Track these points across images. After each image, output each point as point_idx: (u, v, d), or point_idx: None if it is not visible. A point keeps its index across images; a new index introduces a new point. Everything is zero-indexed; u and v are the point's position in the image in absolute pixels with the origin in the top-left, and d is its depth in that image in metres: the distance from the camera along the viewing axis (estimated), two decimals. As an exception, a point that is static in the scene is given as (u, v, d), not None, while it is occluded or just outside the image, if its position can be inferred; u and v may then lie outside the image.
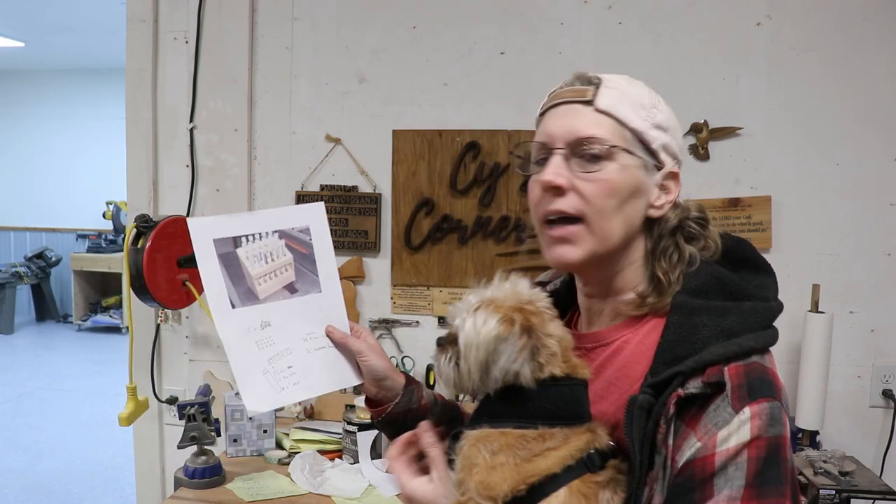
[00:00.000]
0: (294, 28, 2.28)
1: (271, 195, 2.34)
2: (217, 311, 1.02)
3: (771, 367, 0.78)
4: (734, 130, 2.06)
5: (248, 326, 1.03)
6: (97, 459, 4.04)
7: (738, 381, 0.74)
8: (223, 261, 1.03)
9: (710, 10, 2.05)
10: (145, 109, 2.34)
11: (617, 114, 0.83)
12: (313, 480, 1.76)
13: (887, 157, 2.01)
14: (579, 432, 0.79)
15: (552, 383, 0.80)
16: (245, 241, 1.05)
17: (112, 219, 6.99)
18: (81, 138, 7.52)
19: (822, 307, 1.97)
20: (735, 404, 0.73)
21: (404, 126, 2.24)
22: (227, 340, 1.01)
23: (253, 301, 1.04)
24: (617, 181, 0.82)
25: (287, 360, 1.04)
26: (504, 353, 0.79)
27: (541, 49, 2.14)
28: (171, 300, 2.07)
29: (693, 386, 0.74)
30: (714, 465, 0.72)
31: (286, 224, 1.09)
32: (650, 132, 0.84)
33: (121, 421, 2.06)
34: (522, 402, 0.79)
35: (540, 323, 0.81)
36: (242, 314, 1.03)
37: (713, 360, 0.75)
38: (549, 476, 0.76)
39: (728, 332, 0.77)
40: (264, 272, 1.06)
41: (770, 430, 0.72)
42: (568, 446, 0.78)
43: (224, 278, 1.03)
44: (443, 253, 2.25)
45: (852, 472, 1.75)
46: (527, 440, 0.78)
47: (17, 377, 5.64)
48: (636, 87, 0.86)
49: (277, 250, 1.07)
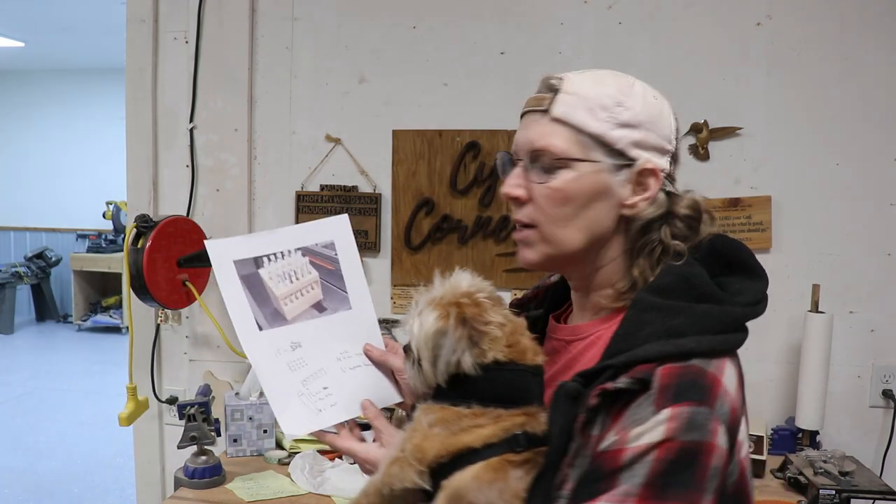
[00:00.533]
0: (294, 28, 2.28)
1: (271, 195, 2.34)
2: (244, 335, 0.98)
3: (713, 373, 0.74)
4: (734, 130, 2.06)
5: (277, 348, 1.00)
6: (97, 459, 4.04)
7: (667, 381, 0.73)
8: (246, 282, 1.00)
9: (710, 10, 2.05)
10: (145, 109, 2.34)
11: (572, 120, 0.83)
12: (313, 480, 1.76)
13: (887, 157, 2.01)
14: (513, 414, 0.82)
15: (496, 368, 0.83)
16: (267, 260, 1.02)
17: (112, 219, 6.99)
18: (81, 138, 7.52)
19: (822, 307, 1.97)
20: (657, 404, 0.72)
21: (404, 126, 2.24)
22: (256, 364, 0.98)
23: (281, 322, 1.01)
24: (570, 189, 0.83)
25: (322, 380, 1.00)
26: (445, 345, 0.83)
27: (541, 49, 2.14)
28: (171, 300, 2.08)
29: (622, 381, 0.73)
30: (622, 460, 0.71)
31: (309, 240, 1.05)
32: (611, 133, 0.82)
33: (121, 421, 2.06)
34: (465, 386, 0.84)
35: (477, 312, 0.84)
36: (271, 336, 1.00)
37: (646, 357, 0.74)
38: (470, 450, 0.81)
39: (672, 332, 0.76)
40: (290, 292, 1.02)
41: (686, 435, 0.70)
42: (495, 426, 0.81)
43: (248, 300, 0.99)
44: (443, 253, 2.25)
45: (852, 472, 1.75)
46: (461, 417, 0.83)
47: (17, 377, 5.64)
48: (602, 85, 0.84)
49: (301, 268, 1.04)
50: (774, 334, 2.07)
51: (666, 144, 0.85)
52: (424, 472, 0.83)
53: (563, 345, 0.91)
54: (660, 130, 0.84)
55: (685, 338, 0.75)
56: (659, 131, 0.84)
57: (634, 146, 0.83)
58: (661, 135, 0.84)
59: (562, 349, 0.91)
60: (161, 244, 2.01)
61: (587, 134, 0.82)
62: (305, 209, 2.30)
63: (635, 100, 0.83)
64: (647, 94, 0.85)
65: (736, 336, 0.79)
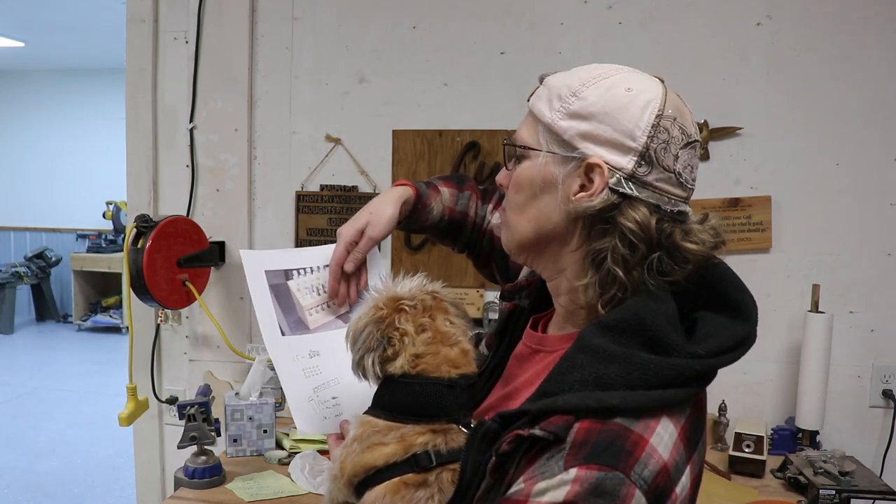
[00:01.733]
0: (294, 28, 2.28)
1: (271, 195, 2.34)
2: (268, 338, 1.06)
3: (639, 433, 0.68)
4: (734, 130, 2.06)
5: (295, 354, 1.07)
6: (97, 459, 4.04)
7: (582, 437, 0.67)
8: (274, 291, 1.08)
9: (710, 10, 2.05)
10: (145, 109, 2.34)
11: (534, 110, 0.83)
12: (313, 480, 1.76)
13: (887, 157, 2.01)
14: (419, 431, 0.81)
15: (404, 381, 0.83)
16: (297, 273, 1.10)
17: (112, 219, 6.99)
18: (81, 138, 7.51)
19: (822, 307, 1.97)
20: (567, 461, 0.66)
21: (404, 126, 2.24)
22: (277, 365, 1.05)
23: (303, 330, 1.09)
24: (523, 177, 0.83)
25: (333, 390, 1.06)
26: (358, 342, 0.85)
27: (541, 49, 2.14)
28: (171, 300, 2.08)
29: (536, 430, 0.69)
30: None
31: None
32: (559, 123, 0.78)
33: (121, 421, 2.06)
34: (383, 394, 0.85)
35: (394, 317, 0.84)
36: (291, 342, 1.07)
37: (563, 408, 0.69)
38: (374, 469, 0.80)
39: (601, 382, 0.70)
40: (315, 303, 1.10)
41: (590, 501, 0.64)
42: (398, 444, 0.80)
43: (275, 307, 1.07)
44: (443, 253, 2.25)
45: (852, 472, 1.74)
46: (373, 433, 0.82)
47: (17, 377, 5.64)
48: (571, 76, 0.81)
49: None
50: (774, 334, 2.07)
51: (626, 140, 0.75)
52: (349, 489, 0.83)
53: (530, 352, 0.89)
54: (617, 124, 0.76)
55: (611, 391, 0.69)
56: (616, 125, 0.76)
57: (582, 138, 0.77)
58: (619, 129, 0.75)
59: (529, 357, 0.89)
60: (161, 244, 2.01)
61: (542, 123, 0.81)
62: (305, 209, 2.30)
63: (592, 90, 0.77)
64: (618, 86, 0.77)
65: (679, 392, 0.71)
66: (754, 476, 1.81)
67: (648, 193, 0.76)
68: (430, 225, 1.20)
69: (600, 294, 0.77)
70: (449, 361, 0.84)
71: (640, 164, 0.75)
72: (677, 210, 0.77)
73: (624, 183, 0.75)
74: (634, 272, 0.76)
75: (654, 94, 0.77)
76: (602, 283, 0.77)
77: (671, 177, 0.76)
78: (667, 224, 0.76)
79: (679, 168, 0.77)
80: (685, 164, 0.77)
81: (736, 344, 0.75)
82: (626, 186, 0.75)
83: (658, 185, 0.76)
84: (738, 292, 0.79)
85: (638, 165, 0.75)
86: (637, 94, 0.76)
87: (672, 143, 0.76)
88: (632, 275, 0.76)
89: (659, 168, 0.76)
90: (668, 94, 0.78)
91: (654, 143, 0.75)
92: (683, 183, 0.77)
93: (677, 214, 0.77)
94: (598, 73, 0.80)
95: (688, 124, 0.78)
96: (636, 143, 0.75)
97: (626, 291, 0.76)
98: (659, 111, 0.76)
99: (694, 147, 0.78)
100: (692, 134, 0.78)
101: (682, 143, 0.77)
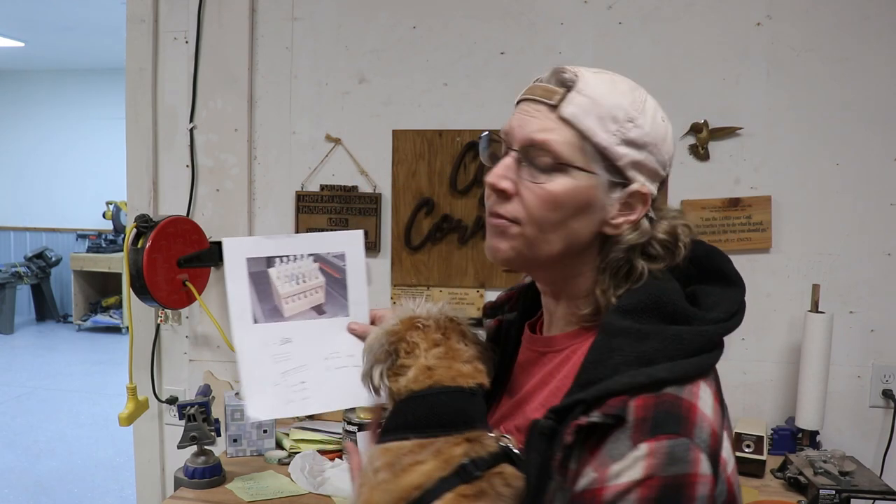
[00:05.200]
0: (294, 28, 2.28)
1: (271, 195, 2.34)
2: (237, 324, 1.07)
3: (689, 400, 0.72)
4: (734, 130, 2.06)
5: (266, 341, 1.08)
6: (97, 459, 4.04)
7: (642, 414, 0.70)
8: (253, 278, 1.08)
9: (710, 10, 2.05)
10: (145, 109, 2.34)
11: (580, 125, 0.78)
12: (313, 480, 1.76)
13: (887, 157, 2.01)
14: (453, 442, 0.78)
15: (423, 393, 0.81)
16: (279, 261, 1.10)
17: (112, 219, 7.00)
18: (82, 138, 7.52)
19: (822, 307, 1.97)
20: (634, 438, 0.68)
21: (404, 126, 2.24)
22: (240, 351, 1.06)
23: (277, 318, 1.09)
24: (562, 196, 0.78)
25: (302, 375, 1.07)
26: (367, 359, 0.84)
27: (541, 49, 2.14)
28: (171, 300, 2.08)
29: (595, 416, 0.70)
30: (602, 499, 0.68)
31: (322, 248, 1.13)
32: (616, 149, 0.78)
33: (121, 421, 2.06)
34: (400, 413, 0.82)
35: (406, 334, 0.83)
36: (264, 329, 1.08)
37: (617, 389, 0.71)
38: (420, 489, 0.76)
39: (643, 359, 0.73)
40: (293, 292, 1.10)
41: (667, 470, 0.67)
42: (438, 458, 0.77)
43: (251, 295, 1.08)
44: (443, 253, 2.25)
45: (852, 472, 1.75)
46: (401, 454, 0.78)
47: (17, 377, 5.64)
48: (618, 93, 0.79)
49: (310, 272, 1.11)
50: (774, 334, 2.06)
51: (661, 170, 0.81)
52: None
53: (536, 356, 0.89)
54: (660, 155, 0.80)
55: (656, 365, 0.72)
56: (659, 156, 0.80)
57: (633, 167, 0.79)
58: (660, 160, 0.81)
59: (536, 360, 0.89)
60: (161, 244, 2.01)
61: (592, 143, 0.78)
62: (305, 209, 2.30)
63: (646, 118, 0.79)
64: (658, 114, 0.81)
65: (710, 356, 0.76)
66: (754, 476, 1.81)
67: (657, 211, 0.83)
68: None
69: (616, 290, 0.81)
70: (462, 375, 0.82)
71: (660, 188, 0.83)
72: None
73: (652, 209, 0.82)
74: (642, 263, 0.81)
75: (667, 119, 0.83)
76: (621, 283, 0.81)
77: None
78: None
79: None
80: None
81: (739, 307, 0.80)
82: (653, 211, 0.82)
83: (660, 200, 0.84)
84: (726, 263, 0.85)
85: (659, 189, 0.82)
86: (667, 123, 0.83)
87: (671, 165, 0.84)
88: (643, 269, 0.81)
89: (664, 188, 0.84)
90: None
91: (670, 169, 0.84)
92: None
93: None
94: (640, 94, 0.82)
95: None
96: (664, 172, 0.82)
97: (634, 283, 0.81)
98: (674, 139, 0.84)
99: None
100: None
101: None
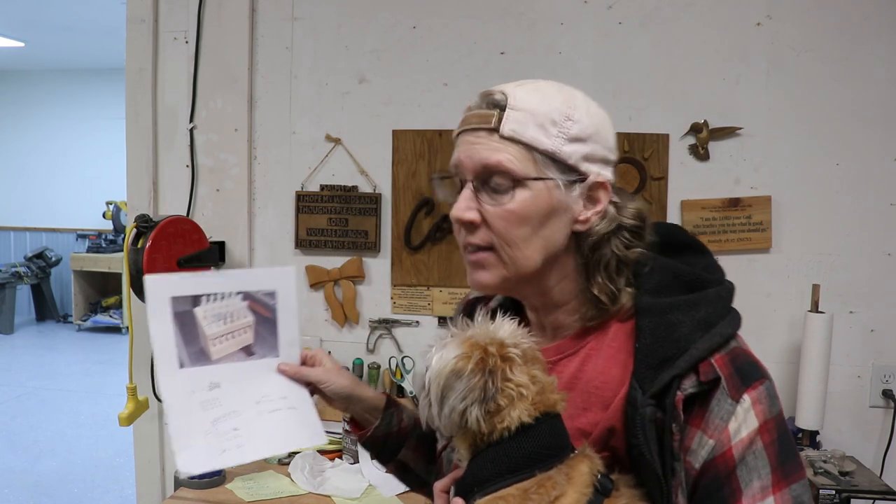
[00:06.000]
0: (294, 28, 2.28)
1: (271, 195, 2.34)
2: (162, 371, 1.00)
3: (746, 347, 0.79)
4: (734, 130, 2.06)
5: (193, 387, 1.01)
6: (97, 459, 4.04)
7: (727, 370, 0.75)
8: (178, 319, 1.02)
9: (710, 10, 2.06)
10: (145, 109, 2.34)
11: (523, 138, 0.79)
12: (313, 480, 1.76)
13: (887, 157, 2.01)
14: (573, 464, 0.76)
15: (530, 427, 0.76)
16: (206, 300, 1.03)
17: (112, 219, 6.99)
18: (81, 138, 7.52)
19: (822, 307, 1.97)
20: (733, 394, 0.74)
21: (404, 126, 2.24)
22: (166, 401, 0.99)
23: (203, 362, 1.02)
24: (526, 209, 0.80)
25: (233, 422, 1.01)
26: (455, 389, 0.76)
27: (541, 49, 2.14)
28: (171, 300, 2.07)
29: (689, 385, 0.75)
30: (734, 459, 0.73)
31: (252, 286, 1.07)
32: (563, 149, 0.80)
33: (121, 421, 2.06)
34: (506, 454, 0.76)
35: (502, 366, 0.77)
36: (190, 374, 1.01)
37: (702, 355, 0.76)
38: None
39: (705, 323, 0.78)
40: (221, 333, 1.04)
41: (773, 410, 0.75)
42: (574, 484, 0.74)
43: (175, 337, 1.01)
44: (443, 253, 2.25)
45: (852, 472, 1.75)
46: (530, 494, 0.74)
47: (17, 377, 5.64)
48: (548, 98, 0.81)
49: (238, 312, 1.05)
50: (774, 334, 2.07)
51: (609, 155, 0.84)
52: None
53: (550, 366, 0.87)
54: (605, 142, 0.83)
55: (718, 325, 0.78)
56: (604, 143, 0.83)
57: (585, 160, 0.81)
58: (606, 146, 0.84)
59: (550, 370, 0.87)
60: (161, 244, 2.01)
61: (540, 151, 0.79)
62: (305, 209, 2.30)
63: (581, 112, 0.81)
64: (590, 105, 0.84)
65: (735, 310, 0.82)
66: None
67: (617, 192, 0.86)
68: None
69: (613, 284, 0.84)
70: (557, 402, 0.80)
71: (614, 171, 0.85)
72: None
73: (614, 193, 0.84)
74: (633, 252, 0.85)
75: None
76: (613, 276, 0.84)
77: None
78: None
79: None
80: None
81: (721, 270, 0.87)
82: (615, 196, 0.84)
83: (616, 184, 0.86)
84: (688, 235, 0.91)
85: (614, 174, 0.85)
86: (601, 110, 0.85)
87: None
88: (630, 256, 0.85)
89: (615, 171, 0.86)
90: None
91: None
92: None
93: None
94: (568, 92, 0.84)
95: None
96: (614, 157, 0.85)
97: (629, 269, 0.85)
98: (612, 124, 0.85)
99: None
100: None
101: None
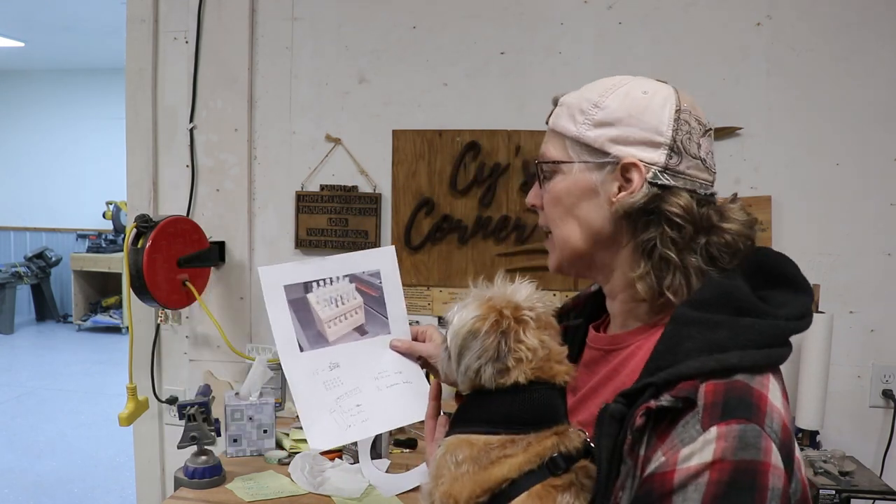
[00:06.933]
0: (294, 28, 2.28)
1: (271, 195, 2.34)
2: (285, 355, 1.07)
3: (759, 389, 0.72)
4: (734, 130, 2.06)
5: (315, 368, 1.08)
6: (97, 459, 4.04)
7: (713, 399, 0.70)
8: (293, 306, 1.09)
9: (710, 10, 2.06)
10: (145, 109, 2.34)
11: (558, 128, 0.88)
12: (313, 480, 1.76)
13: (887, 157, 2.01)
14: (543, 436, 0.79)
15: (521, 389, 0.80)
16: (316, 286, 1.11)
17: (112, 219, 6.99)
18: (81, 138, 7.52)
19: (822, 307, 1.97)
20: (704, 422, 0.69)
21: (404, 126, 2.24)
22: (293, 381, 1.06)
23: (322, 344, 1.10)
24: (559, 191, 0.88)
25: (355, 398, 1.08)
26: (471, 348, 0.82)
27: (541, 49, 2.14)
28: (171, 300, 2.08)
29: (665, 399, 0.71)
30: (673, 483, 0.69)
31: (357, 268, 1.14)
32: (588, 134, 0.85)
33: (121, 421, 2.06)
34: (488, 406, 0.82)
35: (515, 328, 0.82)
36: (311, 357, 1.09)
37: (688, 374, 0.72)
38: (508, 482, 0.77)
39: (714, 346, 0.74)
40: (334, 315, 1.11)
41: (739, 454, 0.67)
42: (528, 452, 0.78)
43: (294, 323, 1.08)
44: (443, 253, 2.25)
45: (852, 472, 1.75)
46: (490, 448, 0.79)
47: (17, 377, 5.64)
48: (587, 91, 0.87)
49: (348, 294, 1.13)
50: (774, 334, 2.06)
51: (654, 136, 0.82)
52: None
53: (601, 354, 0.91)
54: (643, 124, 0.83)
55: (728, 353, 0.73)
56: (642, 125, 0.83)
57: (613, 143, 0.84)
58: (646, 127, 0.82)
59: (600, 359, 0.91)
60: (161, 244, 2.01)
61: (569, 138, 0.87)
62: (305, 209, 2.30)
63: (612, 99, 0.84)
64: (634, 91, 0.84)
65: (780, 351, 0.77)
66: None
67: (683, 181, 0.82)
68: None
69: (658, 281, 0.82)
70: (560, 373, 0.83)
71: (670, 156, 0.82)
72: (710, 192, 0.84)
73: (660, 175, 0.82)
74: (691, 258, 0.81)
75: (667, 92, 0.85)
76: (657, 269, 0.82)
77: (699, 163, 0.83)
78: (703, 207, 0.82)
79: (703, 155, 0.84)
80: (707, 150, 0.85)
81: (807, 310, 0.82)
82: (663, 178, 0.82)
83: (689, 172, 0.83)
84: (794, 268, 0.86)
85: (669, 157, 0.82)
86: (653, 94, 0.84)
87: (693, 132, 0.84)
88: (686, 259, 0.81)
89: (687, 157, 0.83)
90: (679, 91, 0.86)
91: (679, 134, 0.83)
92: (709, 167, 0.85)
93: (710, 196, 0.85)
94: (612, 83, 0.86)
95: (701, 115, 0.86)
96: (664, 138, 0.82)
97: (687, 276, 0.82)
98: (676, 106, 0.83)
99: (710, 135, 0.86)
100: (706, 123, 0.86)
101: (702, 132, 0.84)
